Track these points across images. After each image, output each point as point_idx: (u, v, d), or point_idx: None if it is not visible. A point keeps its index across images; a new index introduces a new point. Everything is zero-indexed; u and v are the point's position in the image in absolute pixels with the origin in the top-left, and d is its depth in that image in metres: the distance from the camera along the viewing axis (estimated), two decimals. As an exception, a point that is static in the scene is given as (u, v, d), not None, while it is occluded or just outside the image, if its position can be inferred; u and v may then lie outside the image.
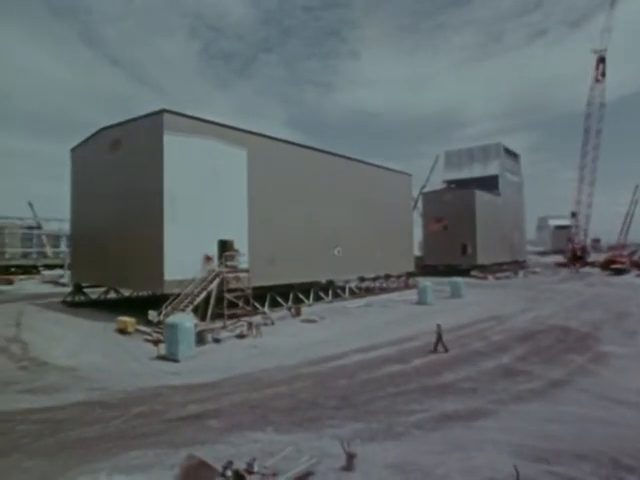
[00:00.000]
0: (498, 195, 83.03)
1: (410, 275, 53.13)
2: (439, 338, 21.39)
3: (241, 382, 16.92)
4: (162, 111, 28.46)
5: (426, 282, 41.15)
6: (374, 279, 48.59)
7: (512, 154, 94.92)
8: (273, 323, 28.91)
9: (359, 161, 45.47)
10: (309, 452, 10.65)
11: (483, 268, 70.73)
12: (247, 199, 32.73)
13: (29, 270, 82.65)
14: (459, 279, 44.69)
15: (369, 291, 46.49)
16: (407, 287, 50.54)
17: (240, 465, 9.07)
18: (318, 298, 39.20)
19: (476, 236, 71.22)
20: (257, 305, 31.55)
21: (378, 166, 48.59)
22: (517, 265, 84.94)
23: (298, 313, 32.29)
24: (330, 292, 40.92)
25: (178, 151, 28.50)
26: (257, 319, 27.74)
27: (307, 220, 37.52)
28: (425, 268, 72.47)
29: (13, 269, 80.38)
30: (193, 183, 29.07)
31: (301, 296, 37.19)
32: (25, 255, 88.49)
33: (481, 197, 74.37)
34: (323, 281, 42.67)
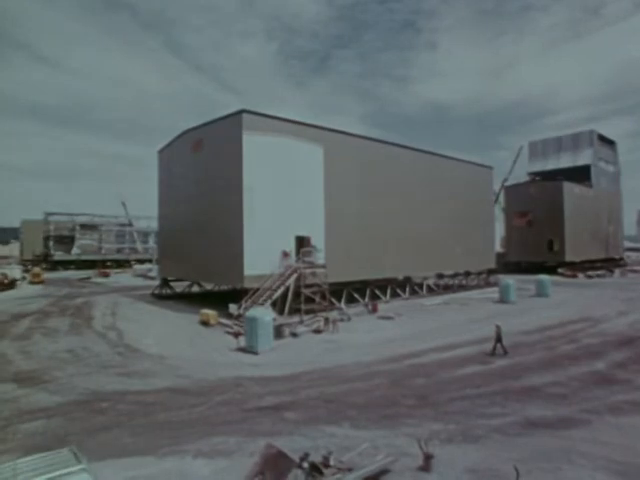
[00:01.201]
0: (590, 186, 76.91)
1: (491, 272, 50.83)
2: (498, 339, 20.09)
3: (317, 376, 17.12)
4: (241, 111, 29.46)
5: (508, 280, 39.14)
6: (453, 276, 47.08)
7: (607, 141, 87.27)
8: (349, 319, 28.96)
9: (437, 155, 44.22)
10: (385, 450, 10.54)
11: (572, 266, 65.98)
12: (324, 195, 33.03)
13: (122, 264, 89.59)
14: (545, 277, 42.00)
15: (447, 288, 45.13)
16: (488, 285, 48.42)
17: (316, 458, 9.17)
18: (395, 295, 38.70)
19: (564, 231, 66.58)
20: (334, 301, 31.76)
21: (457, 159, 46.93)
22: (612, 263, 78.25)
23: (374, 310, 32.08)
24: (407, 289, 40.25)
25: (256, 149, 29.38)
26: (333, 315, 27.93)
27: (384, 215, 37.12)
28: (507, 265, 69.00)
29: (109, 263, 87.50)
30: (271, 180, 29.84)
31: (377, 292, 36.92)
32: (119, 250, 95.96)
33: (570, 189, 69.35)
34: (400, 278, 42.06)
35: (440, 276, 46.89)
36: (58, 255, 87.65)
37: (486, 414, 13.01)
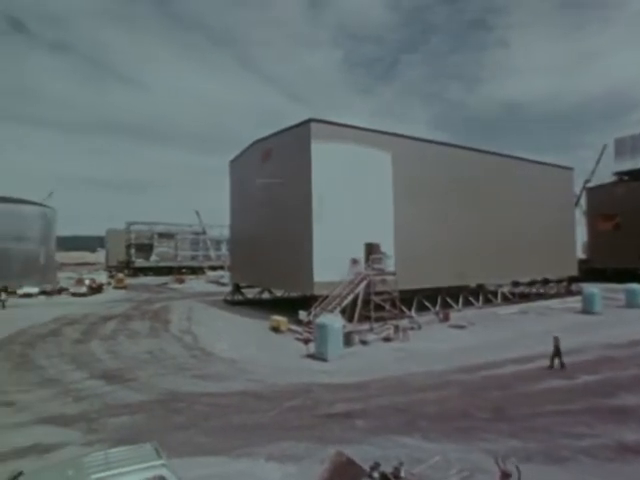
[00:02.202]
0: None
1: (573, 280, 47.63)
2: (556, 352, 18.55)
3: (388, 385, 16.84)
4: (309, 120, 29.92)
5: (592, 288, 36.40)
6: (530, 284, 44.65)
7: None
8: (420, 327, 28.30)
9: (512, 157, 42.33)
10: (459, 464, 10.10)
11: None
12: (393, 201, 32.64)
13: (196, 271, 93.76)
14: (637, 286, 38.66)
15: (524, 297, 42.85)
16: (569, 293, 45.38)
17: (387, 468, 8.96)
18: (467, 303, 37.33)
19: (659, 235, 60.96)
20: (404, 308, 31.20)
21: (534, 161, 44.61)
22: None
23: (446, 318, 31.14)
24: (480, 297, 38.69)
25: (325, 157, 29.66)
26: (404, 323, 27.42)
27: (456, 221, 36.01)
28: (591, 272, 64.26)
29: (184, 270, 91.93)
30: (340, 188, 29.95)
31: (449, 301, 35.81)
32: (193, 258, 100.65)
33: (664, 190, 63.47)
34: (473, 285, 40.54)
35: (516, 284, 44.65)
36: (138, 262, 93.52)
37: (571, 434, 12.08)
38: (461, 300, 36.76)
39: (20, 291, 47.00)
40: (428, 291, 34.77)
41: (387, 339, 25.09)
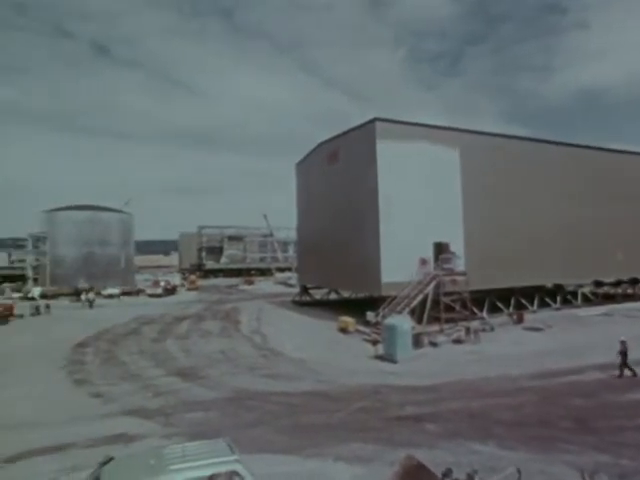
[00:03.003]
0: None
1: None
2: (624, 359, 16.87)
3: (459, 388, 16.29)
4: (374, 120, 29.72)
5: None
6: (615, 284, 41.44)
7: None
8: (492, 329, 27.18)
9: (592, 147, 39.45)
10: (538, 476, 9.52)
11: None
12: (462, 199, 31.59)
13: (264, 272, 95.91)
14: None
15: (608, 298, 39.82)
16: (662, 295, 41.58)
17: (459, 475, 8.63)
18: (543, 304, 35.31)
19: None
20: (475, 310, 30.10)
21: (619, 151, 41.22)
22: None
23: (520, 320, 29.68)
24: (558, 298, 36.45)
25: (391, 156, 29.30)
26: (475, 324, 26.48)
27: (530, 218, 34.18)
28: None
29: (252, 271, 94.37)
30: (406, 187, 29.43)
31: (523, 301, 34.05)
32: (261, 259, 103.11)
33: None
34: (549, 285, 38.29)
35: (598, 284, 41.65)
36: (209, 264, 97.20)
37: (668, 448, 11.03)
38: (537, 301, 34.85)
39: (104, 292, 50.43)
40: (501, 291, 33.25)
41: (458, 341, 24.32)
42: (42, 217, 58.34)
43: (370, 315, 27.47)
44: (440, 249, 30.19)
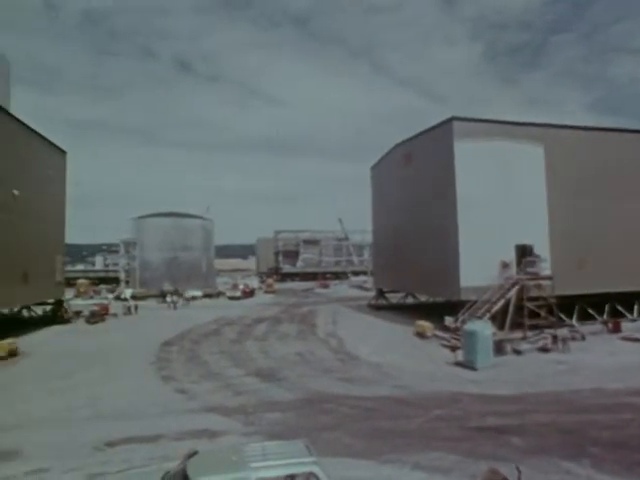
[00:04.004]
0: None
1: None
2: None
3: (547, 400, 15.24)
4: (451, 119, 28.88)
5: None
6: None
7: None
8: (583, 338, 25.24)
9: None
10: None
11: None
12: (547, 198, 29.68)
13: (339, 276, 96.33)
14: None
15: None
16: None
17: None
18: (644, 312, 32.19)
19: None
20: (563, 316, 28.12)
21: None
22: None
23: (616, 329, 27.30)
24: (662, 305, 33.02)
25: (469, 156, 28.26)
26: (563, 332, 24.70)
27: (628, 216, 31.32)
28: None
29: (328, 275, 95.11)
30: (486, 187, 28.19)
31: (620, 309, 31.25)
32: (336, 263, 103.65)
33: None
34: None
35: None
36: (286, 268, 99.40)
37: None
38: (636, 308, 31.85)
39: (187, 294, 53.24)
40: (593, 297, 30.74)
41: (544, 349, 22.83)
42: (132, 224, 62.92)
43: (449, 320, 26.60)
44: (523, 252, 28.61)
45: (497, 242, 27.74)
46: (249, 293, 59.20)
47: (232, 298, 55.33)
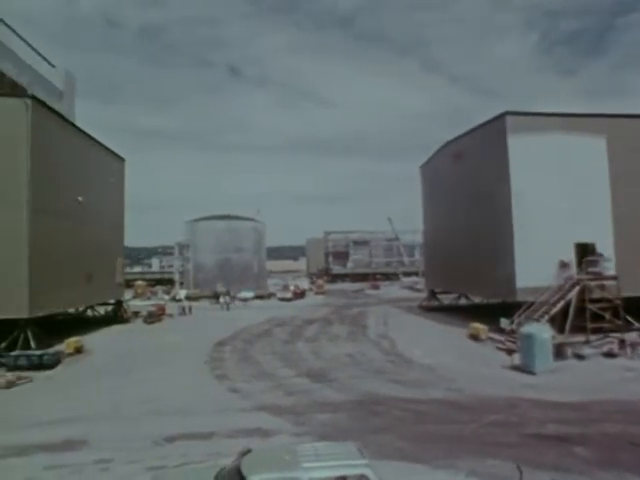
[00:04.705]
0: None
1: None
2: None
3: (614, 409, 14.33)
4: (504, 114, 27.93)
5: None
6: None
7: None
8: (655, 343, 23.60)
9: None
10: None
11: None
12: (610, 193, 28.03)
13: (390, 277, 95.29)
14: None
15: None
16: None
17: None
18: None
19: None
20: (630, 319, 26.42)
21: None
22: None
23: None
24: None
25: (523, 151, 27.22)
26: (632, 336, 23.23)
27: None
28: None
29: (378, 276, 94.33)
30: (542, 183, 27.05)
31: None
32: (387, 264, 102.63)
33: None
34: None
35: None
36: (336, 269, 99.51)
37: None
38: None
39: (239, 295, 54.38)
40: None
41: (609, 354, 21.53)
42: (186, 227, 65.07)
43: (504, 322, 25.67)
44: (584, 251, 27.19)
45: (555, 241, 26.50)
46: (299, 294, 59.68)
47: (283, 299, 55.97)
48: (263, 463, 6.88)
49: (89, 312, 38.45)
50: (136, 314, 39.44)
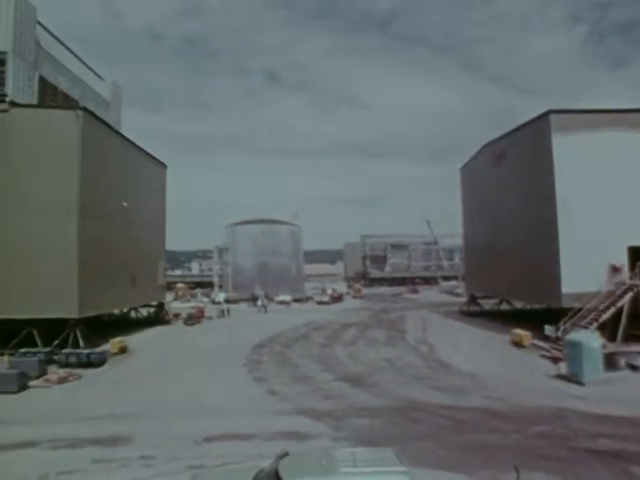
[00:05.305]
0: None
1: None
2: None
3: (675, 424, 13.50)
4: (548, 113, 27.04)
5: None
6: None
7: None
8: None
9: None
10: None
11: None
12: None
13: (429, 281, 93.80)
14: None
15: None
16: None
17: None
18: None
19: None
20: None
21: None
22: None
23: None
24: None
25: (570, 151, 26.20)
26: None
27: None
28: None
29: (416, 280, 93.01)
30: (590, 183, 25.89)
31: None
32: (425, 268, 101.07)
33: None
34: None
35: None
36: (373, 273, 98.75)
37: None
38: None
39: (277, 298, 54.78)
40: None
41: (667, 366, 20.33)
42: (225, 231, 66.27)
43: (549, 329, 24.73)
44: (638, 254, 25.85)
45: (605, 244, 25.31)
46: (337, 298, 59.56)
47: (320, 303, 56.01)
48: (301, 467, 6.85)
49: (132, 313, 39.66)
50: (177, 316, 40.39)
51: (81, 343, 24.82)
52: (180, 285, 66.36)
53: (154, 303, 39.72)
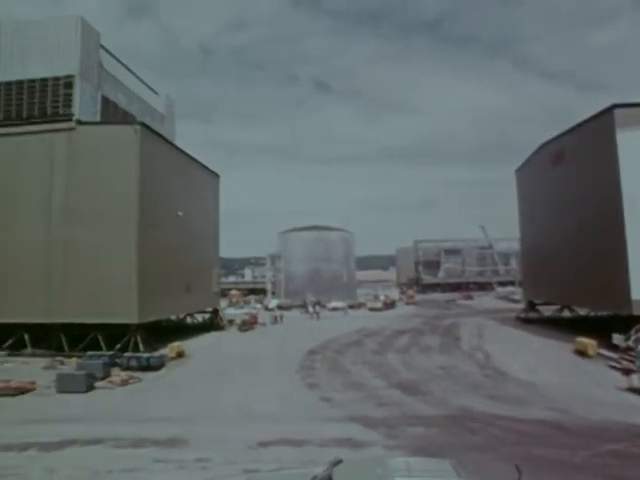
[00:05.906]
0: None
1: None
2: None
3: None
4: (612, 107, 25.64)
5: None
6: None
7: None
8: None
9: None
10: None
11: None
12: None
13: (484, 286, 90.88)
14: None
15: None
16: None
17: None
18: None
19: None
20: None
21: None
22: None
23: None
24: None
25: (636, 148, 24.61)
26: None
27: None
28: None
29: (471, 286, 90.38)
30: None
31: None
32: (480, 273, 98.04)
33: None
34: None
35: None
36: (426, 279, 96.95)
37: None
38: None
39: (329, 305, 54.87)
40: None
41: None
42: (277, 238, 67.28)
43: (618, 338, 23.23)
44: None
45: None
46: (390, 304, 58.94)
47: (373, 309, 55.63)
48: (354, 474, 6.76)
49: (188, 319, 40.95)
50: (231, 322, 41.31)
51: (141, 347, 25.95)
52: (234, 292, 67.95)
53: (209, 309, 40.84)
